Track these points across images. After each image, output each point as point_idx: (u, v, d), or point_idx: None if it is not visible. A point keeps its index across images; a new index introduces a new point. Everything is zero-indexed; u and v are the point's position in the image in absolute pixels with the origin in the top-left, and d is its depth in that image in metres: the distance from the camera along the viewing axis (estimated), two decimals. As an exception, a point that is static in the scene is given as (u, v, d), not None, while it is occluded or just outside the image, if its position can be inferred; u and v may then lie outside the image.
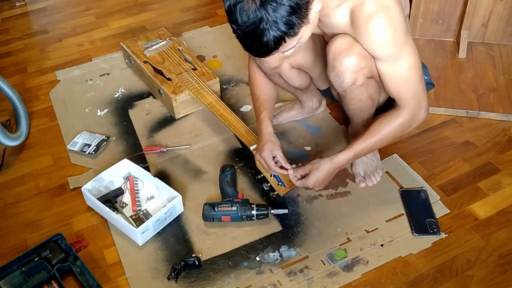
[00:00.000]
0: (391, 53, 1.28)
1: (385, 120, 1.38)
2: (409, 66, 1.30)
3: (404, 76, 1.31)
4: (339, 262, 1.38)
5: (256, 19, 1.08)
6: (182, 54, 2.04)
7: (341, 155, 1.39)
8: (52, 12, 2.65)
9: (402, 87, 1.33)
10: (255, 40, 1.13)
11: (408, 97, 1.33)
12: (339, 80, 1.37)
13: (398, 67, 1.30)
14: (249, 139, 1.63)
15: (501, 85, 1.90)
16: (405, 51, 1.28)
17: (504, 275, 1.33)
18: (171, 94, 1.82)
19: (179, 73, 1.92)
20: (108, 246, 1.47)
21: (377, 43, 1.27)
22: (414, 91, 1.33)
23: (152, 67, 1.97)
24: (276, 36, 1.11)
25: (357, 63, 1.32)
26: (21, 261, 1.39)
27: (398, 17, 1.24)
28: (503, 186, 1.56)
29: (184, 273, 1.38)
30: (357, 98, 1.43)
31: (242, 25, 1.11)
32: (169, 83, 1.89)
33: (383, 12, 1.22)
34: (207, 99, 1.79)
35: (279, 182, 1.52)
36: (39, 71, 2.21)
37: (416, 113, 1.36)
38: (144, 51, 2.04)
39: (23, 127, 1.82)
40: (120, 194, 1.58)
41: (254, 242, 1.45)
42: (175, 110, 1.85)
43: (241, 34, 1.14)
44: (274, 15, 1.07)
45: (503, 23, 2.04)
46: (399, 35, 1.26)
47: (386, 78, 1.33)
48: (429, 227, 1.44)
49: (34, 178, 1.71)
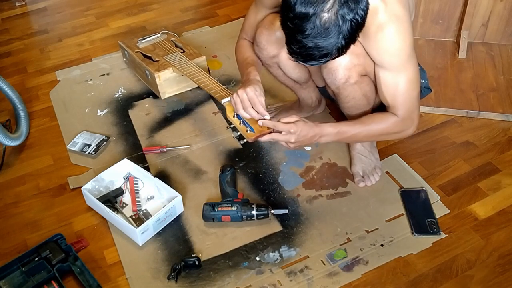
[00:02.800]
0: (394, 63, 1.30)
1: (378, 116, 1.41)
2: (409, 79, 1.32)
3: (402, 88, 1.33)
4: (339, 262, 1.38)
5: (334, 26, 1.07)
6: (174, 43, 2.07)
7: (327, 126, 1.38)
8: (52, 12, 2.66)
9: (398, 98, 1.35)
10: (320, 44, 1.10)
11: (402, 109, 1.36)
12: (331, 77, 1.38)
13: (398, 78, 1.32)
14: (222, 94, 1.57)
15: (501, 85, 1.90)
16: (408, 64, 1.31)
17: (504, 275, 1.33)
18: (155, 72, 1.85)
19: (166, 55, 1.96)
20: (108, 246, 1.47)
21: (384, 51, 1.29)
22: (409, 105, 1.36)
23: (142, 54, 2.00)
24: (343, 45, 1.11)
25: (349, 60, 1.33)
26: (21, 261, 1.39)
27: (408, 29, 1.27)
28: (503, 186, 1.56)
29: (184, 273, 1.38)
30: (350, 96, 1.43)
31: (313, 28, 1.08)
32: (154, 64, 1.92)
33: (395, 22, 1.24)
34: (188, 69, 1.81)
35: (248, 127, 1.43)
36: (39, 71, 2.21)
37: (407, 126, 1.39)
38: (137, 44, 2.08)
39: (23, 127, 1.82)
40: (120, 194, 1.58)
41: (254, 242, 1.45)
42: (160, 88, 1.87)
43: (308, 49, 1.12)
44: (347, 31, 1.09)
45: (503, 23, 2.04)
46: (406, 48, 1.28)
47: (383, 86, 1.35)
48: (429, 227, 1.44)
49: (34, 178, 1.71)
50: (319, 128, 1.37)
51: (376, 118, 1.41)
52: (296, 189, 1.58)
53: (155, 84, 1.88)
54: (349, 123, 1.41)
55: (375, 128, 1.40)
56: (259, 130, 1.40)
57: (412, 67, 1.32)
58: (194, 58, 1.92)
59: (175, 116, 1.91)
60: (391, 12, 1.23)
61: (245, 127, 1.43)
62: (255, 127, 1.41)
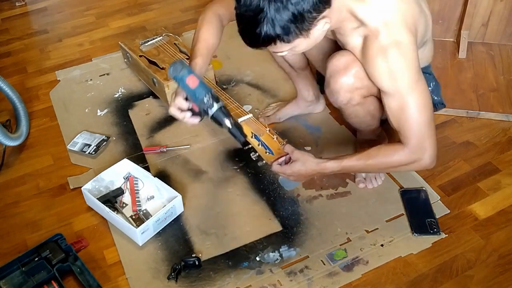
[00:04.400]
0: (396, 89, 1.23)
1: (384, 150, 1.33)
2: (416, 105, 1.24)
3: (407, 114, 1.25)
4: (339, 262, 1.38)
5: (257, 9, 1.06)
6: (178, 47, 2.05)
7: (330, 163, 1.35)
8: (52, 12, 2.66)
9: (405, 124, 1.27)
10: (249, 27, 1.10)
11: (410, 136, 1.27)
12: (333, 97, 1.37)
13: (402, 104, 1.24)
14: (238, 113, 1.59)
15: (501, 85, 1.90)
16: (413, 90, 1.23)
17: (504, 275, 1.33)
18: (163, 81, 1.84)
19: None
20: (108, 246, 1.47)
21: (384, 76, 1.23)
22: (417, 132, 1.26)
23: (147, 59, 1.99)
24: (268, 34, 1.08)
25: (352, 83, 1.31)
26: (21, 261, 1.39)
27: (411, 54, 1.20)
28: (503, 186, 1.56)
29: (184, 273, 1.38)
30: (353, 114, 1.43)
31: (243, 7, 1.08)
32: (162, 71, 1.91)
33: (395, 47, 1.18)
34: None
35: (267, 149, 1.46)
36: (39, 71, 2.21)
37: (418, 157, 1.28)
38: (140, 47, 2.06)
39: (23, 127, 1.82)
40: (120, 194, 1.58)
41: (254, 242, 1.44)
42: (168, 97, 1.86)
43: (239, 14, 1.11)
44: (274, 14, 1.06)
45: (503, 23, 2.04)
46: (409, 73, 1.22)
47: (388, 111, 1.29)
48: (429, 227, 1.44)
49: (34, 178, 1.71)
50: (320, 167, 1.35)
51: (383, 150, 1.32)
52: (296, 189, 1.58)
53: (163, 92, 1.87)
54: (353, 158, 1.34)
55: (382, 161, 1.32)
56: (277, 153, 1.44)
57: (418, 92, 1.24)
58: None
59: (175, 116, 1.91)
60: (393, 36, 1.18)
61: (263, 149, 1.47)
62: (274, 150, 1.45)
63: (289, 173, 1.38)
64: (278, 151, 1.44)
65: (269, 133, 1.50)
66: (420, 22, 1.26)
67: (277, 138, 1.48)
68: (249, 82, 2.05)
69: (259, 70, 2.10)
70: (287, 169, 1.37)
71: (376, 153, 1.32)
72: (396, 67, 1.21)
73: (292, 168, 1.36)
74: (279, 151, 1.44)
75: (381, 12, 1.19)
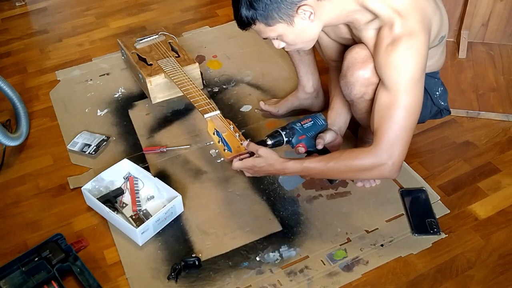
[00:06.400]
0: (396, 81, 1.22)
1: (348, 152, 1.30)
2: (405, 106, 1.22)
3: (393, 113, 1.23)
4: (339, 262, 1.38)
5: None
6: (171, 45, 2.07)
7: (291, 163, 1.33)
8: (52, 12, 2.66)
9: (386, 123, 1.24)
10: (234, 9, 1.22)
11: (383, 136, 1.24)
12: (347, 90, 1.37)
13: (393, 100, 1.22)
14: (206, 109, 1.59)
15: (501, 85, 1.90)
16: (411, 89, 1.22)
17: (504, 275, 1.33)
18: (147, 77, 1.86)
19: (160, 59, 1.95)
20: (108, 246, 1.47)
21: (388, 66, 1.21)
22: (392, 134, 1.23)
23: (138, 56, 2.01)
24: (247, 16, 1.18)
25: (368, 78, 1.30)
26: (21, 261, 1.39)
27: (422, 50, 1.19)
28: (503, 186, 1.56)
29: (184, 273, 1.38)
30: (364, 109, 1.42)
31: None
32: (148, 67, 1.92)
33: (408, 38, 1.18)
34: (177, 77, 1.81)
35: (226, 146, 1.44)
36: (39, 71, 2.21)
37: (382, 161, 1.25)
38: (135, 44, 2.08)
39: (23, 127, 1.82)
40: (120, 194, 1.58)
41: (254, 242, 1.45)
42: (151, 93, 1.88)
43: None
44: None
45: (503, 23, 2.04)
46: (414, 69, 1.20)
47: (376, 105, 1.27)
48: (429, 227, 1.44)
49: (34, 178, 1.71)
50: (282, 166, 1.33)
51: (347, 153, 1.30)
52: (296, 189, 1.58)
53: (146, 88, 1.90)
54: (315, 159, 1.32)
55: (344, 164, 1.29)
56: (236, 151, 1.42)
57: (413, 94, 1.22)
58: (186, 65, 1.91)
59: (175, 116, 1.91)
60: (407, 27, 1.17)
61: (223, 145, 1.45)
62: (233, 147, 1.43)
63: (249, 165, 1.35)
64: (237, 150, 1.42)
65: (232, 131, 1.49)
66: (435, 18, 1.25)
67: (239, 136, 1.46)
68: (249, 82, 2.05)
69: (259, 70, 2.10)
70: (248, 162, 1.35)
71: (339, 155, 1.31)
72: (403, 59, 1.20)
73: (254, 162, 1.34)
74: (238, 150, 1.42)
75: (395, 4, 1.19)
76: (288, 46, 1.32)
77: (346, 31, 1.37)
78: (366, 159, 1.27)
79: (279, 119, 1.84)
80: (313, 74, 1.75)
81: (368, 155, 1.27)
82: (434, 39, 1.31)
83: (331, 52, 1.54)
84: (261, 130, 1.81)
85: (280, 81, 2.03)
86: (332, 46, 1.51)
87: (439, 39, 1.36)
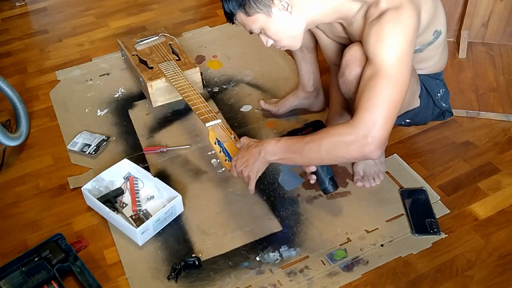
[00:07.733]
0: (378, 54, 1.17)
1: (328, 129, 1.25)
2: (388, 77, 1.16)
3: (373, 82, 1.17)
4: (339, 262, 1.38)
5: None
6: (172, 47, 2.06)
7: (269, 139, 1.31)
8: (52, 12, 2.66)
9: (366, 92, 1.17)
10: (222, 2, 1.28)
11: (364, 106, 1.16)
12: (346, 88, 1.36)
13: (376, 72, 1.17)
14: (207, 117, 1.59)
15: (501, 85, 1.90)
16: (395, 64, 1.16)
17: (504, 275, 1.33)
18: (148, 81, 1.85)
19: (161, 62, 1.95)
20: (108, 246, 1.47)
21: (371, 39, 1.18)
22: (373, 103, 1.16)
23: (139, 58, 2.00)
24: (228, 5, 1.25)
25: None
26: (21, 261, 1.39)
27: (408, 24, 1.16)
28: (503, 186, 1.56)
29: (184, 273, 1.38)
30: None
31: None
32: (149, 71, 1.91)
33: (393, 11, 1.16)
34: (179, 82, 1.80)
35: (227, 156, 1.44)
36: (39, 71, 2.22)
37: (363, 133, 1.16)
38: (135, 45, 2.07)
39: (23, 127, 1.82)
40: (120, 194, 1.58)
41: (254, 242, 1.45)
42: (152, 97, 1.87)
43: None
44: None
45: (503, 23, 2.04)
46: (398, 43, 1.16)
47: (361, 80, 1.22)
48: (429, 227, 1.44)
49: (34, 178, 1.71)
50: (261, 143, 1.31)
51: (326, 128, 1.25)
52: (296, 189, 1.58)
53: (147, 92, 1.89)
54: (296, 137, 1.28)
55: (322, 138, 1.21)
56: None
57: (400, 67, 1.16)
58: (187, 69, 1.90)
59: (175, 116, 1.91)
60: (393, 2, 1.16)
61: (224, 155, 1.45)
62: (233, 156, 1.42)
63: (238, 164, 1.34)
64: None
65: (233, 140, 1.49)
66: (425, 3, 1.25)
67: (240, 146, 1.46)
68: (249, 82, 2.05)
69: (259, 70, 2.10)
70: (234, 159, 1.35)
71: (318, 132, 1.25)
72: (387, 30, 1.16)
73: (237, 155, 1.35)
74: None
75: None
76: (275, 43, 1.33)
77: (341, 30, 1.37)
78: (343, 131, 1.19)
79: (279, 119, 1.84)
80: (315, 73, 1.75)
81: (346, 127, 1.19)
82: (426, 28, 1.30)
83: (331, 53, 1.54)
84: (261, 130, 1.81)
85: (280, 81, 2.03)
86: (331, 47, 1.51)
87: (433, 32, 1.35)
